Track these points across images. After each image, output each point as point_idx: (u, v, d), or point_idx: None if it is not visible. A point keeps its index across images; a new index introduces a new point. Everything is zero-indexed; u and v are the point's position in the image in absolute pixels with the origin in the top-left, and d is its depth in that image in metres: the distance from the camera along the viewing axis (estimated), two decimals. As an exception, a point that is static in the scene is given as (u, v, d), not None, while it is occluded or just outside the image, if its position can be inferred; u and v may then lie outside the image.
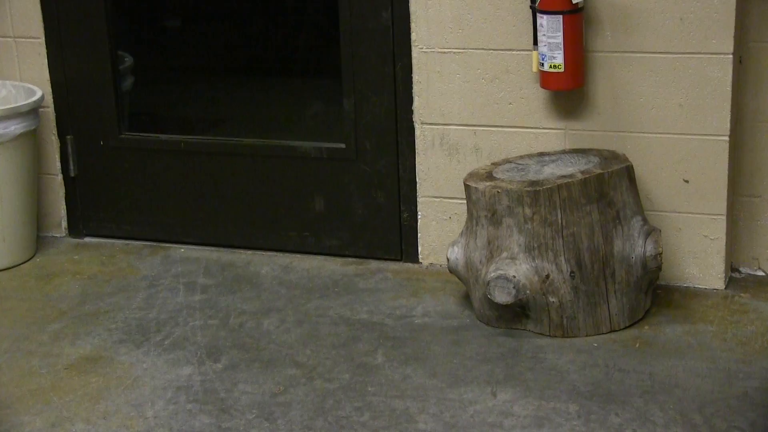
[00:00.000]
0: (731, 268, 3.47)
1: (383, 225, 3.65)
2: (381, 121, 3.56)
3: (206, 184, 3.82)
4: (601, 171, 3.11)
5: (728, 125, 3.25)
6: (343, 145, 3.63)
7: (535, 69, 3.32)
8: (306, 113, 4.08)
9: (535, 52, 3.29)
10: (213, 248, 3.85)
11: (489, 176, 3.20)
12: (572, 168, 3.18)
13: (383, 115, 3.55)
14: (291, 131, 4.09)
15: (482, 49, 3.40)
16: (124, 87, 3.99)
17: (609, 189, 3.10)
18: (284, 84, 4.21)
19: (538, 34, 3.25)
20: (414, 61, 3.48)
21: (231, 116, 4.20)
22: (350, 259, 3.71)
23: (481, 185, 3.14)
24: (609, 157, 3.24)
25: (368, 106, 3.55)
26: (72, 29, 3.81)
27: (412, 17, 3.45)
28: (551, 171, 3.18)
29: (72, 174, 3.94)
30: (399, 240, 3.64)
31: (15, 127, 3.67)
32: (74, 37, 3.81)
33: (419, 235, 3.63)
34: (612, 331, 3.15)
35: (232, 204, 3.81)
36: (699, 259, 3.38)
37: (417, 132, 3.54)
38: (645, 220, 3.19)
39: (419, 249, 3.64)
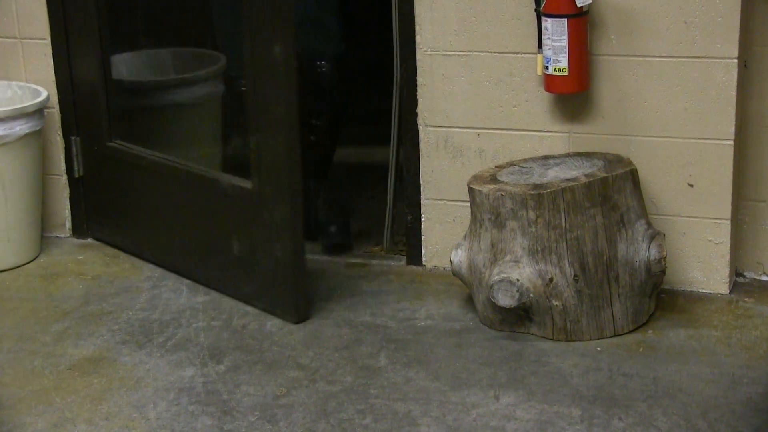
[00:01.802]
0: (736, 272, 3.46)
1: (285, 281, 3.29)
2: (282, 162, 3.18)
3: (160, 201, 3.67)
4: (606, 174, 3.10)
5: (733, 129, 3.25)
6: (249, 185, 3.31)
7: (539, 72, 3.32)
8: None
9: (539, 56, 3.29)
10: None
11: (493, 179, 3.20)
12: (576, 171, 3.17)
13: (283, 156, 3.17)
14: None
15: (487, 52, 3.40)
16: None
17: (613, 192, 3.10)
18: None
19: (543, 37, 3.25)
20: (418, 64, 3.48)
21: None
22: (353, 261, 3.71)
23: (485, 188, 3.14)
24: (613, 160, 3.23)
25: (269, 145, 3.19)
26: (77, 30, 3.80)
27: (417, 20, 3.45)
28: (555, 174, 3.18)
29: (76, 175, 3.94)
30: (295, 300, 3.30)
31: (20, 128, 3.67)
32: (80, 38, 3.81)
33: (423, 237, 3.62)
34: (616, 335, 3.15)
35: (171, 226, 3.64)
36: (703, 264, 3.37)
37: (421, 134, 3.54)
38: (649, 224, 3.18)
39: (423, 251, 3.63)
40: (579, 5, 3.18)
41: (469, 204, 3.26)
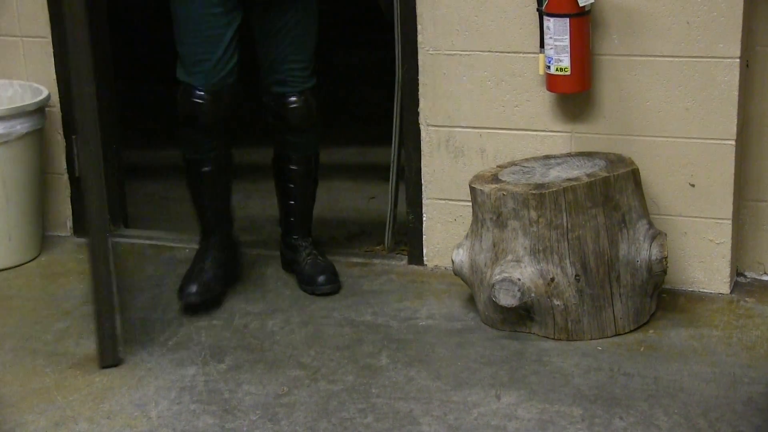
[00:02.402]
0: (737, 272, 3.46)
1: None
2: None
3: None
4: (607, 174, 3.11)
5: (735, 129, 3.25)
6: None
7: (541, 72, 3.32)
8: None
9: (541, 55, 3.29)
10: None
11: (494, 179, 3.20)
12: (578, 171, 3.17)
13: None
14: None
15: (489, 51, 3.40)
16: None
17: (615, 192, 3.10)
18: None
19: (545, 37, 3.25)
20: (420, 63, 3.48)
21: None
22: (355, 260, 3.71)
23: (487, 188, 3.14)
24: (615, 160, 3.24)
25: None
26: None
27: (419, 19, 3.45)
28: (557, 174, 3.18)
29: (77, 173, 3.94)
30: (100, 343, 3.09)
31: (21, 127, 3.67)
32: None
33: (424, 237, 3.62)
34: (617, 334, 3.15)
35: None
36: (704, 264, 3.37)
37: (423, 134, 3.54)
38: (650, 224, 3.19)
39: (424, 251, 3.64)
40: (581, 5, 3.18)
41: (470, 204, 3.27)
